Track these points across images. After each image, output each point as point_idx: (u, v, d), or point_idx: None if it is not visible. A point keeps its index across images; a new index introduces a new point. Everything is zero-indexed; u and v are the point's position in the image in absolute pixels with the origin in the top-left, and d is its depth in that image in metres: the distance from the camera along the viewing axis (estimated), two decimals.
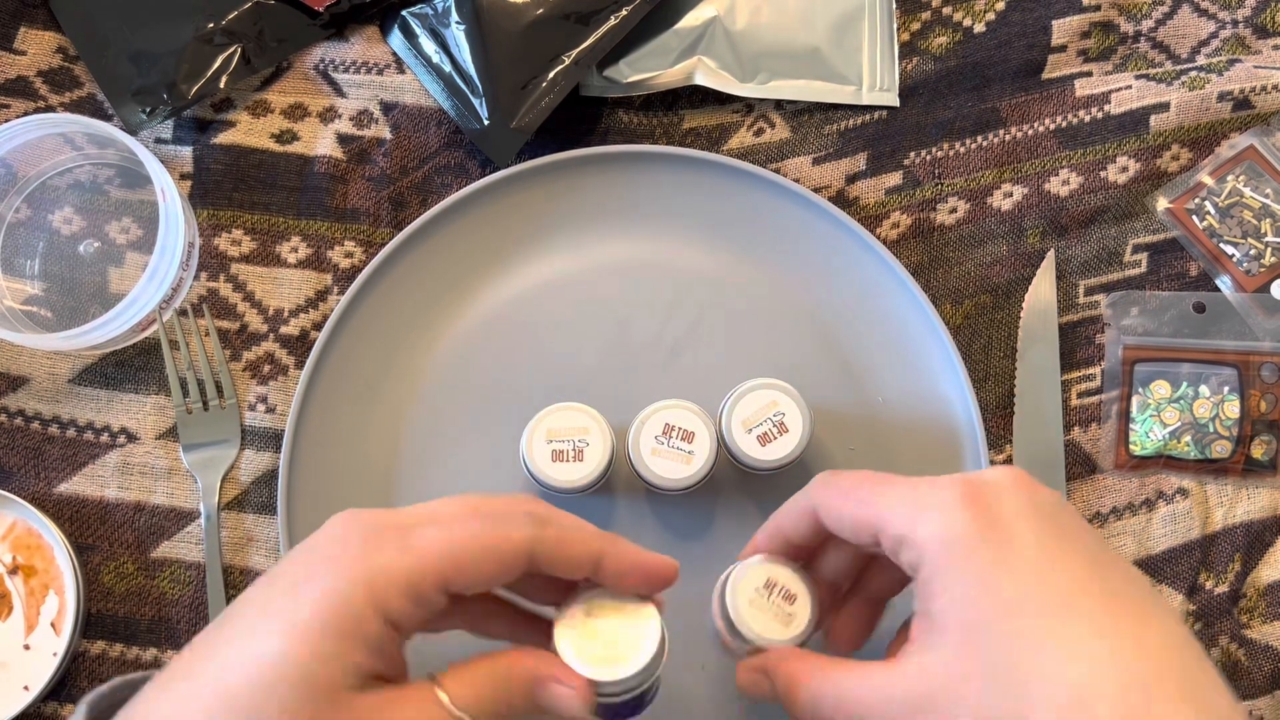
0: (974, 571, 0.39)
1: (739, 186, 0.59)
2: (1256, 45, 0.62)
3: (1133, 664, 0.37)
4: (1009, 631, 0.38)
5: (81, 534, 0.58)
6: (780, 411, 0.53)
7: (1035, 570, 0.39)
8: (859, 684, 0.41)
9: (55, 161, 0.61)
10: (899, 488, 0.42)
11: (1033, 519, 0.40)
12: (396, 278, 0.59)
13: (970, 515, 0.40)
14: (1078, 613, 0.38)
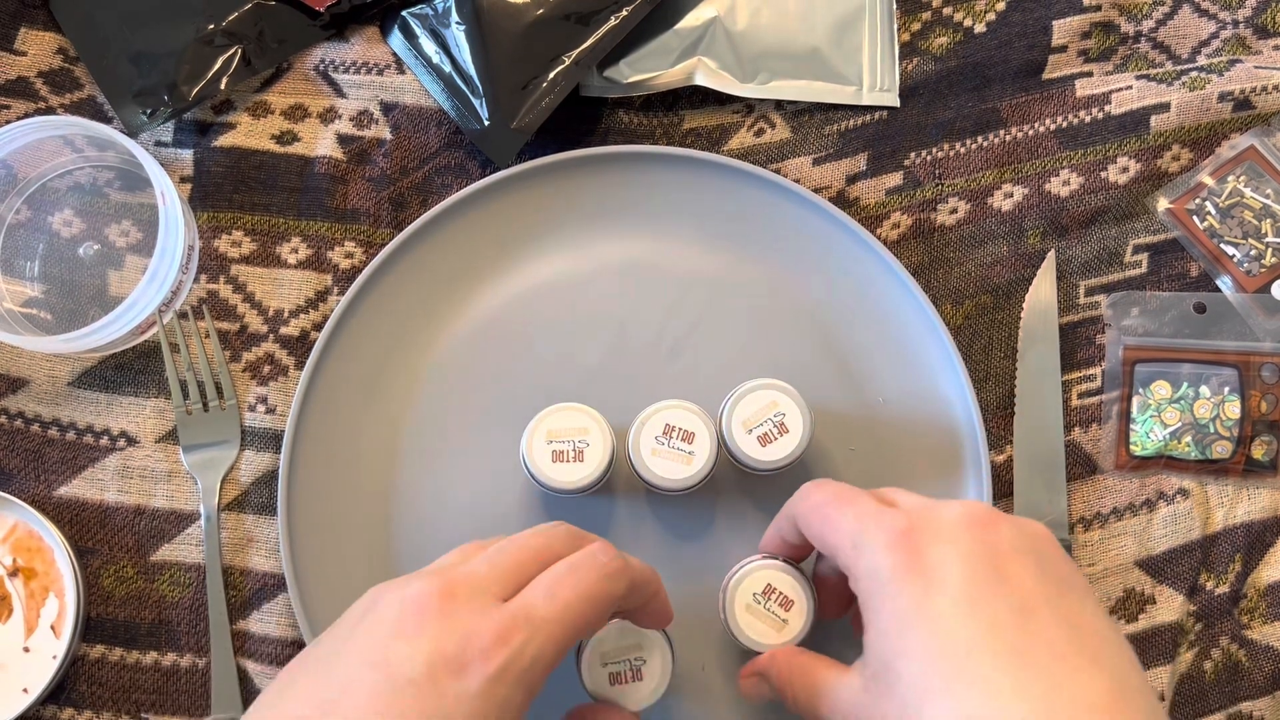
0: (893, 614, 0.40)
1: (739, 187, 0.59)
2: (1257, 45, 0.62)
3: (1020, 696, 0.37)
4: (911, 679, 0.39)
5: (82, 537, 0.58)
6: (781, 412, 0.53)
7: (949, 619, 0.39)
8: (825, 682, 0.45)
9: (55, 164, 0.61)
10: (850, 517, 0.44)
11: (962, 566, 0.40)
12: (396, 278, 0.59)
13: (898, 560, 0.41)
14: (974, 672, 0.38)
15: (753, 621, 0.51)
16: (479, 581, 0.41)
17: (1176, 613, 0.57)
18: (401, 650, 0.39)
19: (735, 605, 0.51)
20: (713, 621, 0.54)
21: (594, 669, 0.50)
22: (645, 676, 0.50)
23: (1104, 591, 0.58)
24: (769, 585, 0.51)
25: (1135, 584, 0.58)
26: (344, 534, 0.57)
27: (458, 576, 0.42)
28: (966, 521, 0.42)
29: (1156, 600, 0.58)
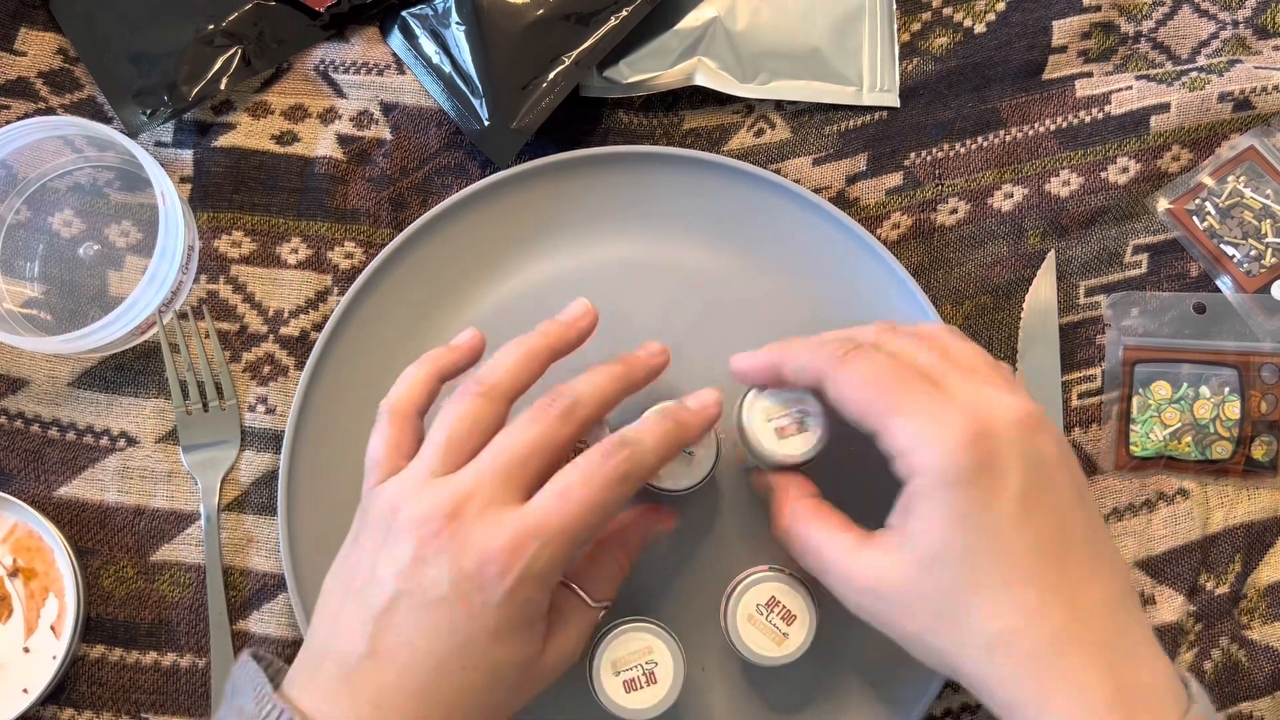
0: (956, 511, 0.43)
1: (739, 187, 0.59)
2: (1257, 46, 0.62)
3: (1059, 622, 0.42)
4: (965, 573, 0.43)
5: (81, 538, 0.58)
6: (805, 410, 0.52)
7: (1007, 524, 0.43)
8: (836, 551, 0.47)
9: (55, 164, 0.61)
10: (912, 406, 0.44)
11: (1023, 473, 0.43)
12: (396, 278, 0.59)
13: (968, 460, 0.43)
14: (1025, 571, 0.43)
15: (754, 633, 0.51)
16: (487, 492, 0.45)
17: (1176, 613, 0.57)
18: (427, 573, 0.43)
19: (737, 615, 0.51)
20: (714, 622, 0.54)
21: (607, 678, 0.50)
22: (659, 679, 0.51)
23: None
24: (773, 598, 0.51)
25: (1135, 584, 0.58)
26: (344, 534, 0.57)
27: (466, 488, 0.45)
28: (1022, 426, 0.44)
29: (1156, 600, 0.58)
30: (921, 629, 0.44)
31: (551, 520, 0.44)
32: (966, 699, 0.57)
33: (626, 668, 0.50)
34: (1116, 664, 0.42)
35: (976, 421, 0.43)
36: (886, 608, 0.45)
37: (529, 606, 0.44)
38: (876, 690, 0.56)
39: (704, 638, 0.56)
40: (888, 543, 0.45)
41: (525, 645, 0.45)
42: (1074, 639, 0.42)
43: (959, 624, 0.43)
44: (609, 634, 0.51)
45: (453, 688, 0.44)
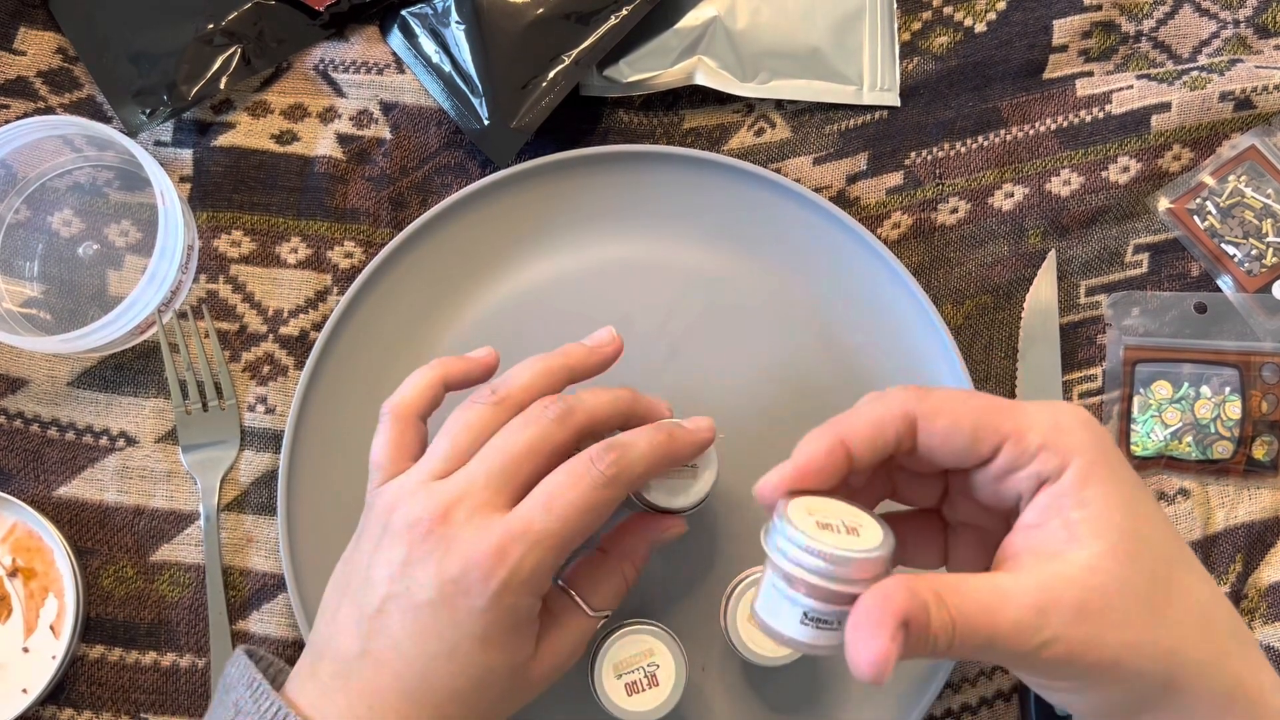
0: (1129, 486, 0.39)
1: (740, 186, 0.59)
2: (1258, 45, 0.62)
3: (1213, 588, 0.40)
4: (1165, 548, 0.39)
5: (81, 537, 0.58)
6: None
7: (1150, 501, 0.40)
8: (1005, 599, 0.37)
9: (55, 163, 0.61)
10: (1029, 404, 0.41)
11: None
12: (396, 278, 0.59)
13: (1107, 441, 0.40)
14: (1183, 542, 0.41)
15: (754, 633, 0.51)
16: (474, 496, 0.45)
17: None
18: (416, 577, 0.44)
19: (737, 615, 0.51)
20: (714, 623, 0.54)
21: (609, 681, 0.50)
22: (661, 681, 0.51)
23: None
24: None
25: None
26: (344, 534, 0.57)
27: (456, 492, 0.45)
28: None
29: None
30: (1140, 627, 0.37)
31: (536, 525, 0.44)
32: (966, 699, 0.57)
33: (628, 670, 0.50)
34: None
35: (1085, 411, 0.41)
36: (1096, 624, 0.37)
37: (516, 612, 0.44)
38: (876, 691, 0.56)
39: (704, 638, 0.56)
40: (1055, 552, 0.38)
41: (514, 650, 0.45)
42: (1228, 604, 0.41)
43: (1174, 606, 0.38)
44: (610, 636, 0.51)
45: (442, 691, 0.44)
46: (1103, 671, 0.37)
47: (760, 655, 0.51)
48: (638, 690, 0.50)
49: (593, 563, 0.50)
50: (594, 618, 0.49)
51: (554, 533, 0.44)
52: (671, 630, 0.52)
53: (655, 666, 0.51)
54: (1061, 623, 0.36)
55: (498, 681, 0.45)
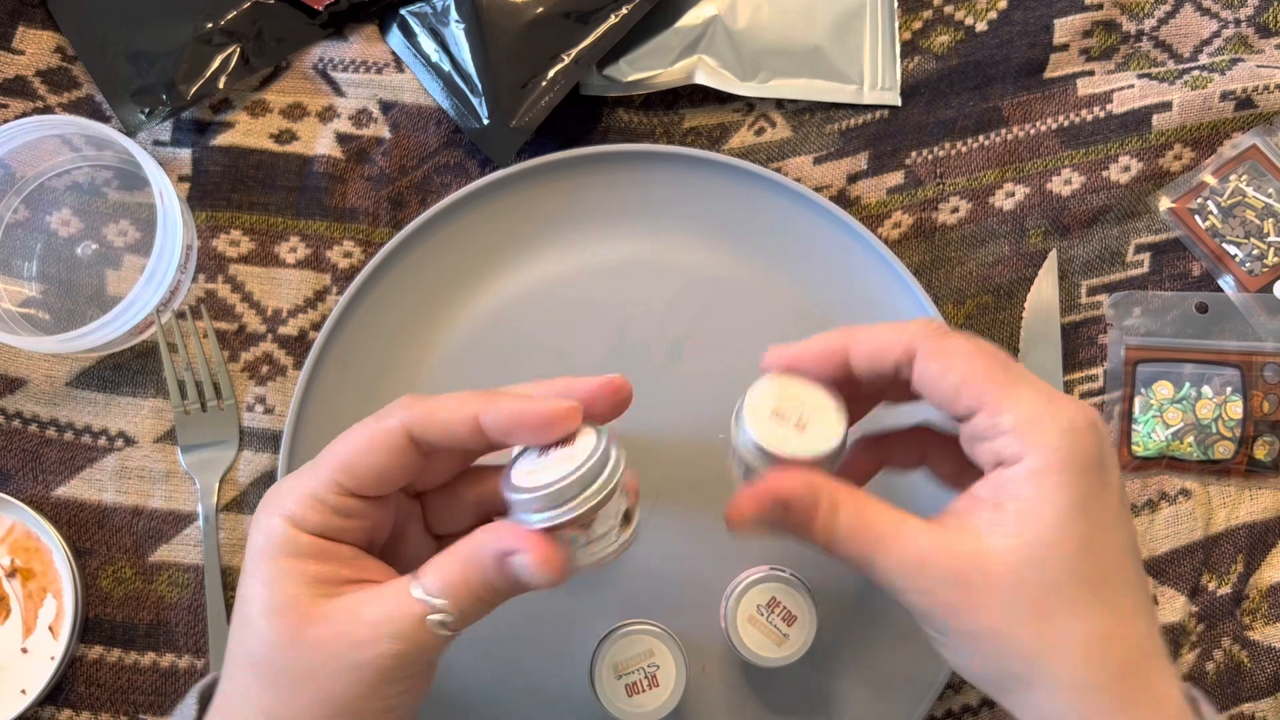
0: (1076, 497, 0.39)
1: (740, 186, 0.59)
2: (1259, 44, 0.62)
3: (1144, 630, 0.40)
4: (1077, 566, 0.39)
5: (80, 538, 0.58)
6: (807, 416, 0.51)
7: (1114, 520, 0.40)
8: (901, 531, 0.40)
9: (53, 163, 0.61)
10: (1027, 383, 0.41)
11: (1119, 473, 0.41)
12: (395, 278, 0.59)
13: (1091, 445, 0.40)
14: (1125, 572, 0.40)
15: (754, 634, 0.51)
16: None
17: (1179, 614, 0.57)
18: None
19: (738, 616, 0.51)
20: (713, 623, 0.54)
21: (609, 681, 0.50)
22: (661, 682, 0.50)
23: None
24: (773, 599, 0.51)
25: None
26: None
27: None
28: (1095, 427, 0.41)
29: (1158, 601, 0.57)
30: (1011, 624, 0.39)
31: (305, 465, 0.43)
32: (967, 699, 0.57)
33: (628, 670, 0.50)
34: (1175, 675, 0.40)
35: (1090, 412, 0.41)
36: (970, 599, 0.39)
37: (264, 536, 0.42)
38: (876, 691, 0.56)
39: (704, 639, 0.56)
40: (970, 526, 0.40)
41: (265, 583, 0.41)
42: (1153, 649, 0.40)
43: (1057, 622, 0.39)
44: (610, 637, 0.51)
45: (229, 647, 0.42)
46: (963, 642, 0.40)
47: (760, 655, 0.51)
48: (638, 690, 0.50)
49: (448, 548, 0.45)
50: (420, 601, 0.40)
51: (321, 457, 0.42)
52: (671, 630, 0.52)
53: (655, 666, 0.51)
54: (935, 582, 0.39)
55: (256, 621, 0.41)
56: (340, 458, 0.41)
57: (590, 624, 0.55)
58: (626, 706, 0.50)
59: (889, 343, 0.42)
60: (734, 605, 0.51)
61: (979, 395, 0.41)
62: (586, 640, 0.54)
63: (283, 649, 0.39)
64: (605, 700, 0.50)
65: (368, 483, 0.41)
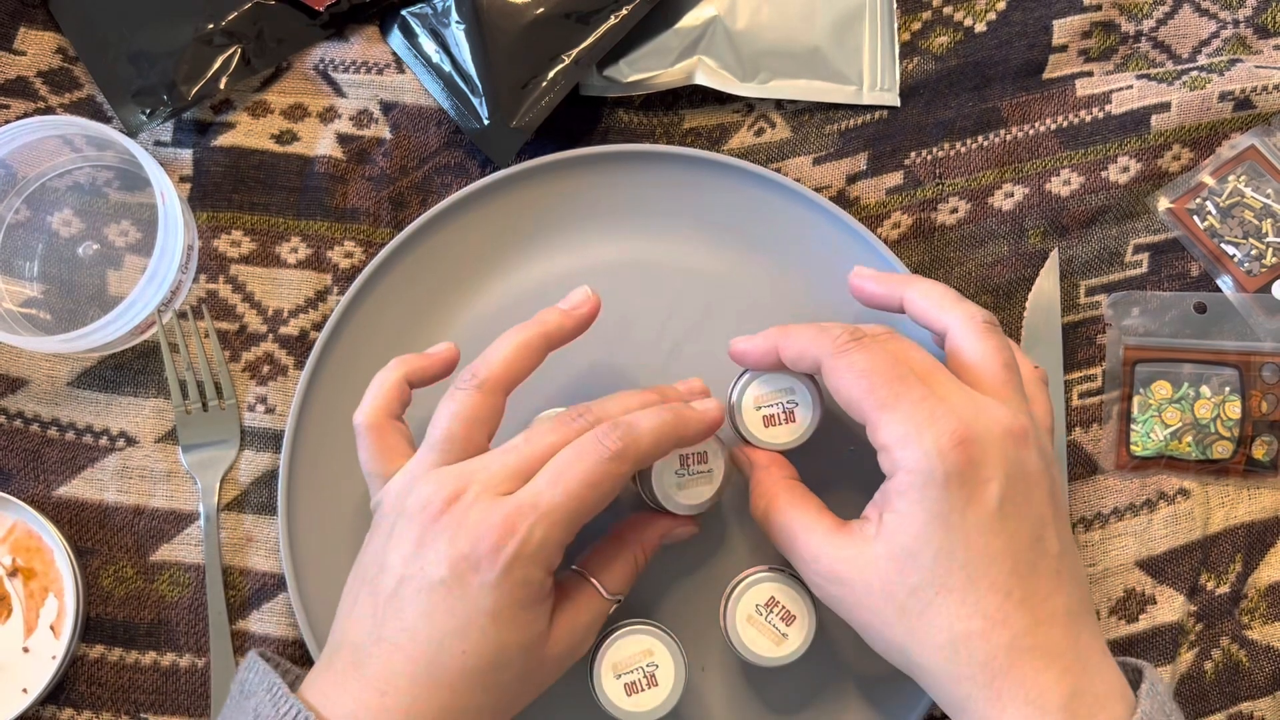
0: (934, 510, 0.44)
1: (739, 186, 0.59)
2: (1258, 45, 0.62)
3: (1019, 628, 0.43)
4: (935, 572, 0.44)
5: (81, 537, 0.58)
6: (794, 400, 0.52)
7: (982, 530, 0.44)
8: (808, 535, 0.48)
9: (55, 163, 0.61)
10: (905, 402, 0.45)
11: (1003, 483, 0.44)
12: (396, 278, 0.59)
13: (953, 462, 0.44)
14: (993, 577, 0.44)
15: (753, 634, 0.51)
16: (487, 479, 0.46)
17: (1177, 613, 0.57)
18: (428, 556, 0.45)
19: (737, 616, 0.51)
20: (713, 623, 0.54)
21: (608, 681, 0.50)
22: (660, 682, 0.51)
23: (1104, 592, 0.57)
24: (772, 598, 0.51)
25: (1136, 584, 0.58)
26: (344, 533, 0.57)
27: (466, 477, 0.46)
28: (1010, 438, 0.45)
29: (1157, 600, 0.58)
30: (883, 622, 0.45)
31: (544, 499, 0.45)
32: None
33: (628, 670, 0.50)
34: (1071, 671, 0.43)
35: (964, 426, 0.44)
36: (851, 596, 0.46)
37: (526, 587, 0.44)
38: (876, 690, 0.56)
39: (704, 638, 0.56)
40: (861, 533, 0.46)
41: (526, 627, 0.45)
42: (1032, 646, 0.43)
43: (922, 621, 0.44)
44: (609, 637, 0.51)
45: (455, 670, 0.44)
46: (859, 630, 0.47)
47: (760, 655, 0.51)
48: (637, 690, 0.50)
49: (606, 547, 0.51)
50: (608, 600, 0.50)
51: (560, 506, 0.45)
52: (671, 630, 0.52)
53: (655, 666, 0.51)
54: (824, 579, 0.47)
55: (512, 661, 0.45)
56: (583, 503, 0.45)
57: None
58: (626, 706, 0.50)
59: (804, 352, 0.48)
60: (733, 605, 0.51)
61: (863, 414, 0.46)
62: None
63: (528, 672, 0.46)
64: (604, 700, 0.50)
65: (589, 519, 0.46)
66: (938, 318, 0.49)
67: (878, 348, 0.46)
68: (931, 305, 0.50)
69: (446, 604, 0.44)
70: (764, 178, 0.59)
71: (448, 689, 0.44)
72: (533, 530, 0.44)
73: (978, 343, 0.48)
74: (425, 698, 0.44)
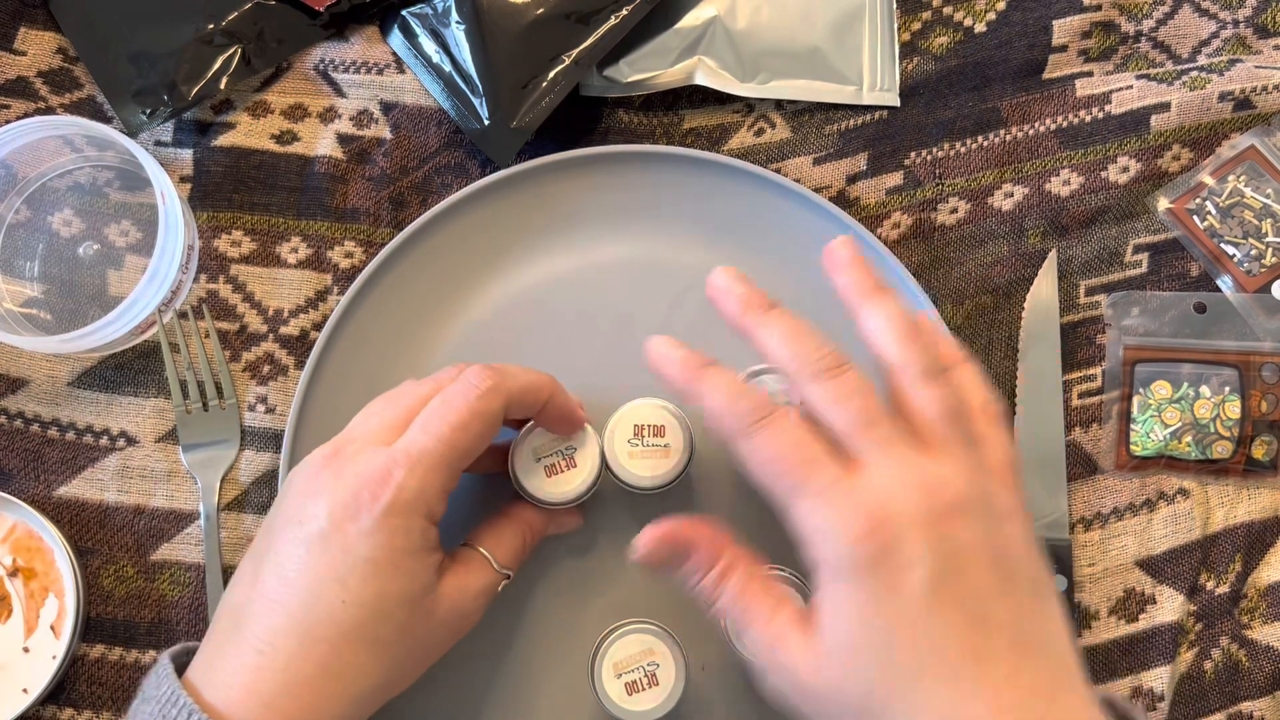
0: (858, 604, 0.40)
1: (739, 186, 0.59)
2: (1257, 45, 0.62)
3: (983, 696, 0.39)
4: (880, 670, 0.40)
5: (81, 537, 0.58)
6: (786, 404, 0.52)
7: (915, 616, 0.40)
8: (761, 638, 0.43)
9: (55, 164, 0.61)
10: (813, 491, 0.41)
11: (930, 562, 0.40)
12: (396, 278, 0.59)
13: (865, 551, 0.40)
14: (939, 666, 0.40)
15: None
16: (366, 435, 0.47)
17: (1177, 613, 0.57)
18: (308, 510, 0.45)
19: None
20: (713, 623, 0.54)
21: (609, 681, 0.51)
22: (661, 681, 0.51)
23: (1104, 592, 0.58)
24: None
25: (1135, 584, 0.58)
26: None
27: (347, 436, 0.48)
28: (931, 515, 0.40)
29: (1157, 600, 0.58)
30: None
31: (417, 444, 0.46)
32: None
33: (628, 670, 0.51)
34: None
35: (878, 509, 0.40)
36: (801, 694, 0.42)
37: (407, 535, 0.45)
38: None
39: (704, 638, 0.56)
40: (804, 636, 0.42)
41: (408, 576, 0.45)
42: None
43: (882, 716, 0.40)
44: (610, 636, 0.51)
45: (334, 622, 0.44)
46: None
47: None
48: (638, 690, 0.51)
49: (495, 521, 0.52)
50: (498, 572, 0.50)
51: (432, 450, 0.46)
52: (671, 630, 0.52)
53: (655, 666, 0.51)
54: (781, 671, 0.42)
55: (393, 613, 0.45)
56: (456, 446, 0.46)
57: (590, 624, 0.55)
58: (626, 705, 0.50)
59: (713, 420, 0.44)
60: None
61: (779, 503, 0.42)
62: (586, 640, 0.54)
63: (413, 630, 0.46)
64: (605, 699, 0.50)
65: (467, 462, 0.47)
66: (881, 355, 0.45)
67: (783, 428, 0.42)
68: (876, 341, 0.45)
69: (326, 554, 0.44)
70: (764, 178, 0.59)
71: (326, 643, 0.44)
72: (408, 476, 0.45)
73: (917, 392, 0.43)
74: (302, 654, 0.43)
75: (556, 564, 0.57)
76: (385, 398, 0.50)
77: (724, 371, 0.45)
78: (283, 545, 0.45)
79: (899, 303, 0.46)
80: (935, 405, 0.43)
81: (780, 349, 0.44)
